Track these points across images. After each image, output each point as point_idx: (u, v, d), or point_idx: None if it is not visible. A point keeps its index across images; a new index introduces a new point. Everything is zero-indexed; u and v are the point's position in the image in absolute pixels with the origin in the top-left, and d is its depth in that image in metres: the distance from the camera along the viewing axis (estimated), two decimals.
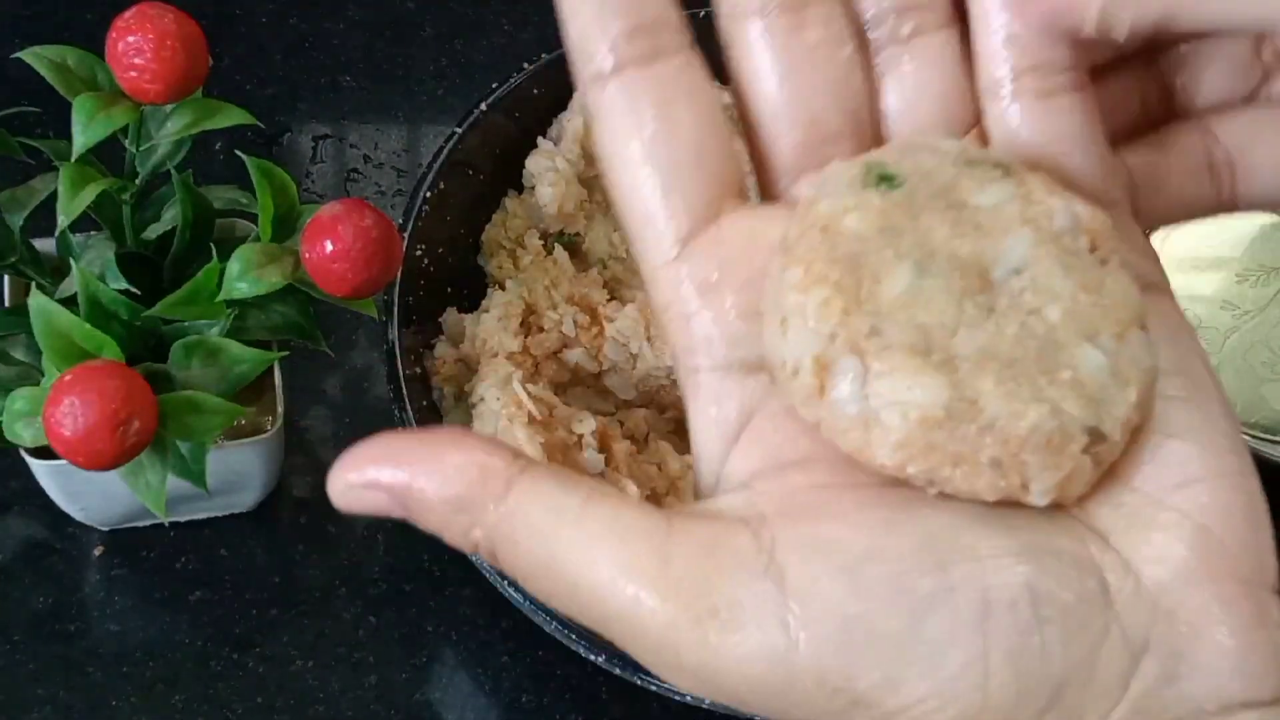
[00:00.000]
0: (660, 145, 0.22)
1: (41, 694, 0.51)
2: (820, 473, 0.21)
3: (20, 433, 0.41)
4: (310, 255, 0.41)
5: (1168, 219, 0.27)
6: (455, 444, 0.22)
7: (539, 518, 0.21)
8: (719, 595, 0.20)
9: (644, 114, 0.23)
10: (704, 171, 0.23)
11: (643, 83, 0.23)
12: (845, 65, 0.24)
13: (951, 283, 0.21)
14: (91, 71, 0.42)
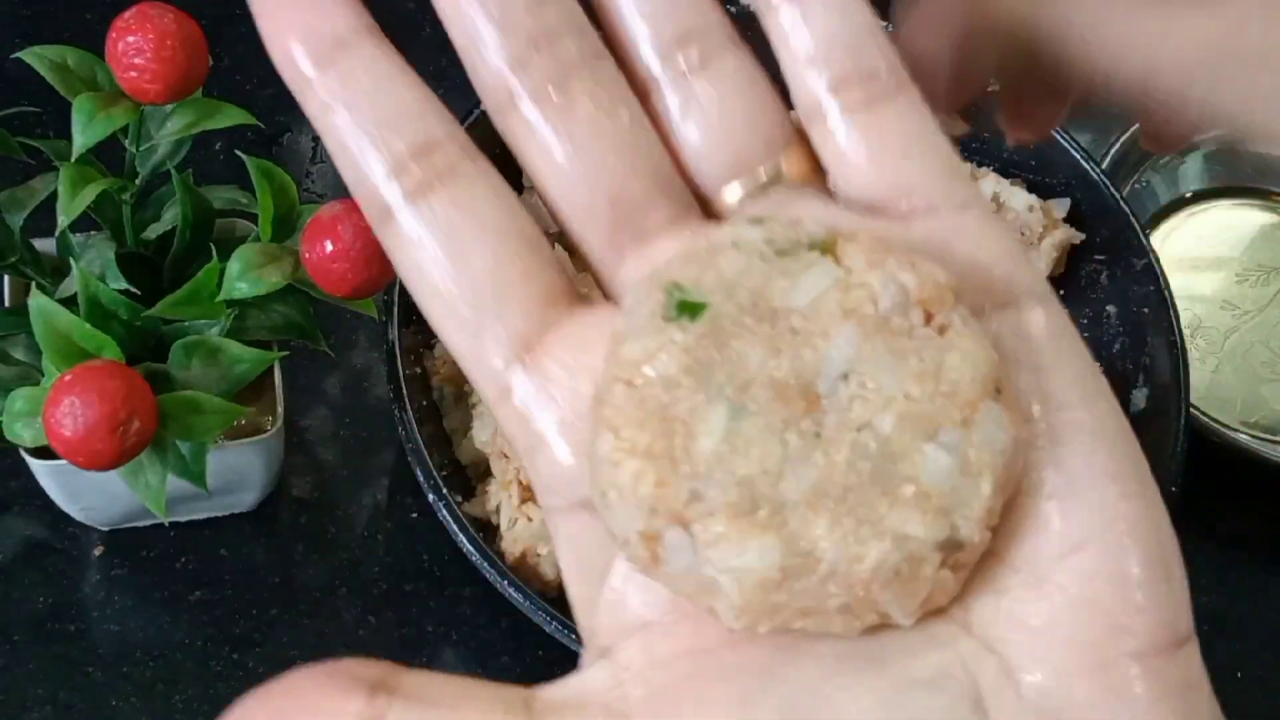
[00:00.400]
0: (458, 280, 0.21)
1: (41, 694, 0.51)
2: (683, 633, 0.20)
3: (20, 433, 0.41)
4: (310, 255, 0.41)
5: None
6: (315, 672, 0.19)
7: None
8: None
9: (433, 250, 0.21)
10: (512, 296, 0.21)
11: (425, 214, 0.21)
12: (629, 128, 0.21)
13: (771, 417, 0.19)
14: (91, 71, 0.42)
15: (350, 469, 0.58)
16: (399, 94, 0.21)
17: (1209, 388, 0.64)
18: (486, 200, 0.21)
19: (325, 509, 0.57)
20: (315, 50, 0.21)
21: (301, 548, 0.56)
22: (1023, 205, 0.58)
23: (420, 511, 0.57)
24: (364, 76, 0.21)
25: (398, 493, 0.57)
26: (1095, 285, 0.59)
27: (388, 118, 0.21)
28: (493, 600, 0.48)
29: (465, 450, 0.52)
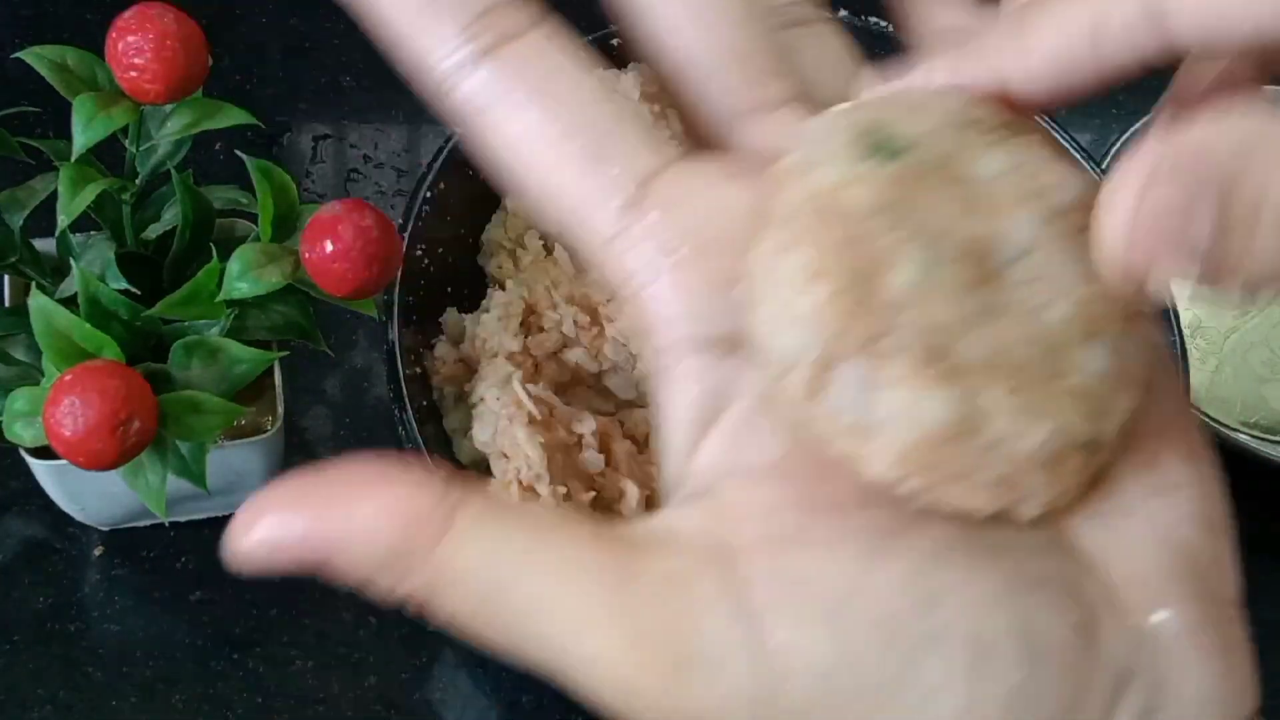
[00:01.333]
0: (563, 118, 0.20)
1: (41, 694, 0.51)
2: (793, 486, 0.19)
3: (20, 433, 0.41)
4: (310, 255, 0.41)
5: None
6: (372, 485, 0.19)
7: (479, 563, 0.19)
8: (688, 644, 0.18)
9: (530, 92, 0.20)
10: (623, 133, 0.20)
11: (513, 62, 0.20)
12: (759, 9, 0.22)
13: (958, 273, 0.19)
14: (91, 71, 0.42)
15: None
16: None
17: (1209, 388, 0.64)
18: (571, 46, 0.21)
19: None
20: None
21: None
22: None
23: None
24: None
25: None
26: None
27: None
28: None
29: (465, 450, 0.52)
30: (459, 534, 0.19)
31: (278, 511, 0.19)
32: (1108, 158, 0.65)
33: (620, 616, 0.18)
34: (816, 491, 0.19)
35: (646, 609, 0.18)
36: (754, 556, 0.19)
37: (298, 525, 0.19)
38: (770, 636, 0.18)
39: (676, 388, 0.20)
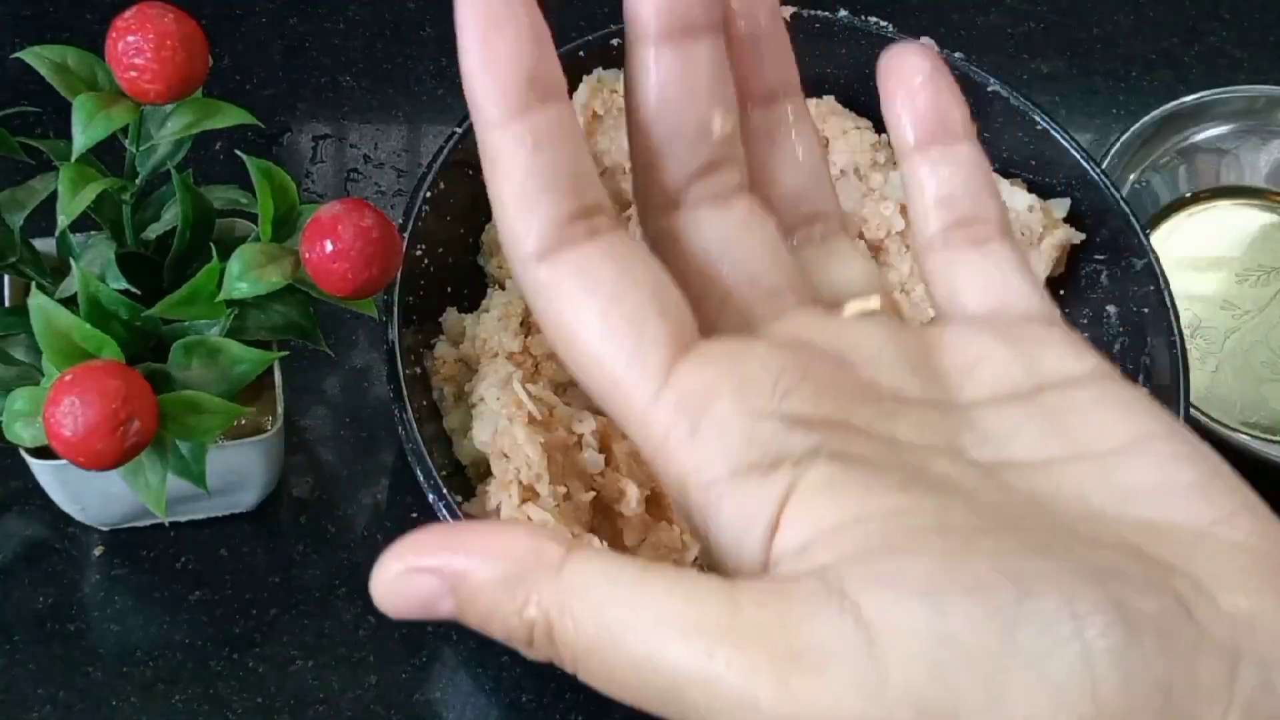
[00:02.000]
0: (621, 299, 0.23)
1: (41, 694, 0.51)
2: (874, 526, 0.21)
3: (20, 433, 0.41)
4: (310, 255, 0.41)
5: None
6: (503, 528, 0.22)
7: (598, 587, 0.21)
8: (797, 639, 0.19)
9: (598, 275, 0.23)
10: (669, 315, 0.23)
11: (590, 251, 0.23)
12: (774, 235, 0.26)
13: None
14: (91, 71, 0.42)
15: (350, 469, 0.58)
16: (575, 153, 0.24)
17: (1209, 388, 0.64)
18: (642, 248, 0.24)
19: (325, 509, 0.57)
20: (514, 95, 0.24)
21: (301, 548, 0.56)
22: (1023, 205, 0.58)
23: (420, 511, 0.57)
24: (551, 132, 0.24)
25: (398, 493, 0.57)
26: (1095, 285, 0.59)
27: (565, 174, 0.23)
28: None
29: (465, 450, 0.52)
30: (578, 563, 0.21)
31: (419, 545, 0.22)
32: (1107, 158, 0.65)
33: (730, 621, 0.20)
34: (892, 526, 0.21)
35: (754, 611, 0.20)
36: (845, 565, 0.20)
37: (438, 553, 0.21)
38: (872, 621, 0.19)
39: (733, 513, 0.22)
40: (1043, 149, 0.59)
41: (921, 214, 0.28)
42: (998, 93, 0.59)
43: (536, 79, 0.23)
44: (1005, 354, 0.25)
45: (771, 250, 0.26)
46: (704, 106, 0.25)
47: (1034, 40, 0.76)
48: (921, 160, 0.27)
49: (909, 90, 0.27)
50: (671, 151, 0.25)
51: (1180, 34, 0.77)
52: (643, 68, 0.25)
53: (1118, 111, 0.74)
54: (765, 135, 0.27)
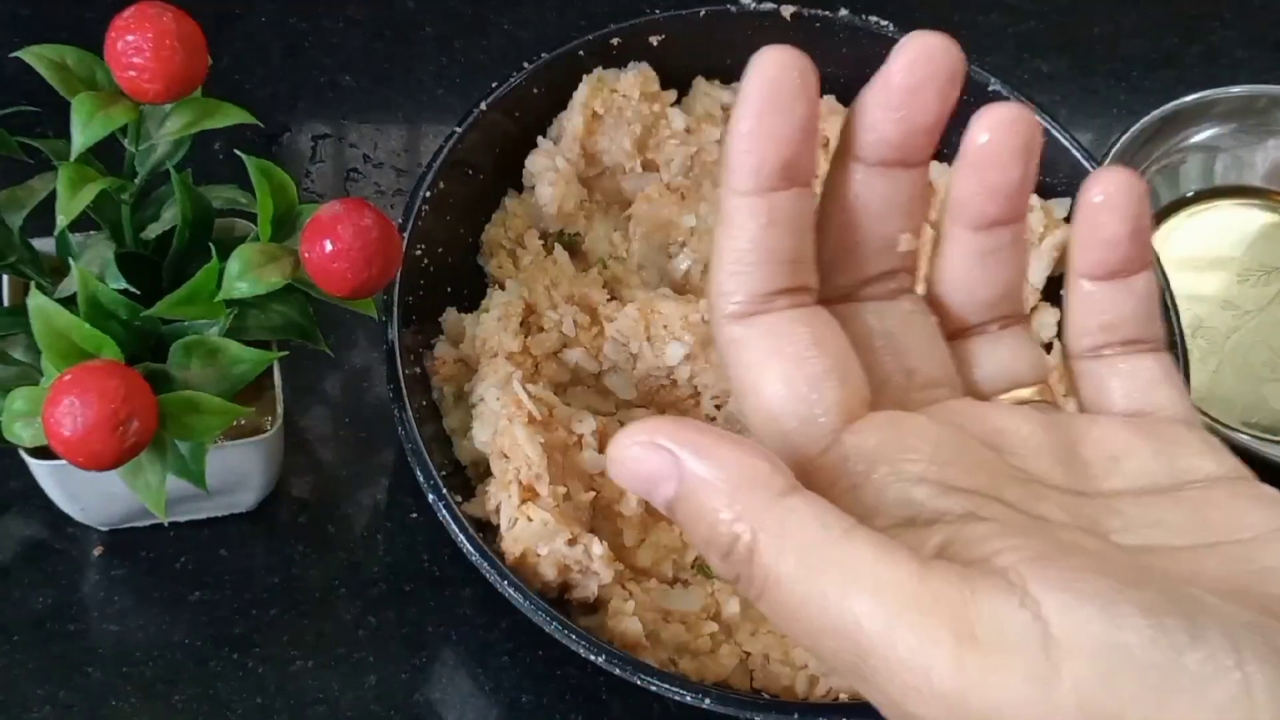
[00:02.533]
0: (805, 363, 0.25)
1: (41, 694, 0.51)
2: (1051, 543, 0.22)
3: (20, 433, 0.41)
4: (310, 255, 0.41)
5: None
6: (744, 443, 0.23)
7: (811, 527, 0.22)
8: (978, 621, 0.20)
9: (789, 338, 0.25)
10: (848, 384, 0.25)
11: (785, 316, 0.25)
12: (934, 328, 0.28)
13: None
14: (91, 71, 0.42)
15: (350, 469, 0.58)
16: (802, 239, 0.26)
17: (1209, 388, 0.64)
18: (831, 320, 0.26)
19: (325, 509, 0.57)
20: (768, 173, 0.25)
21: (301, 548, 0.55)
22: None
23: (420, 511, 0.57)
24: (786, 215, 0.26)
25: (398, 493, 0.57)
26: None
27: (786, 256, 0.26)
28: (493, 600, 0.48)
29: (465, 450, 0.52)
30: (800, 499, 0.22)
31: (665, 429, 0.23)
32: (1108, 158, 0.65)
33: (920, 589, 0.21)
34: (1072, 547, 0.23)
35: (943, 586, 0.21)
36: (1030, 566, 0.21)
37: (682, 439, 0.23)
38: (1051, 621, 0.20)
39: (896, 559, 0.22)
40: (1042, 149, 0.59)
41: (1081, 329, 0.29)
42: (998, 93, 0.59)
43: (791, 165, 0.25)
44: (1148, 451, 0.26)
45: (930, 345, 0.28)
46: (894, 228, 0.27)
47: (1034, 40, 0.76)
48: (1095, 288, 0.28)
49: (1103, 210, 0.28)
50: (855, 258, 0.27)
51: (1180, 34, 0.77)
52: (848, 180, 0.27)
53: (1118, 111, 0.74)
54: (981, 253, 0.28)
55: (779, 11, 0.60)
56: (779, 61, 0.25)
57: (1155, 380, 0.28)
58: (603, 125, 0.58)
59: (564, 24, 0.72)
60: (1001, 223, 0.28)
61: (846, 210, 0.27)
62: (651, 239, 0.58)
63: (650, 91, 0.59)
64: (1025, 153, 0.27)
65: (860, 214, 0.27)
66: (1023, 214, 0.28)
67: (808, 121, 0.25)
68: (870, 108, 0.26)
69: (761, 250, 0.25)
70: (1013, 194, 0.27)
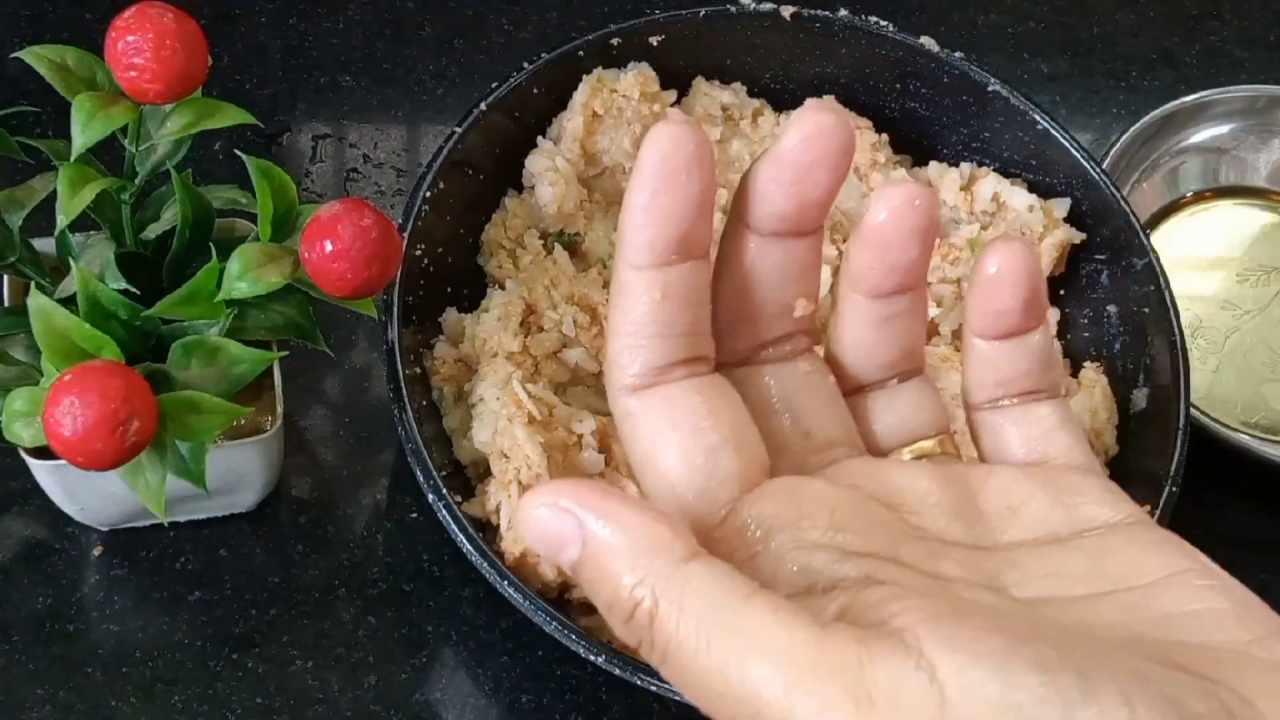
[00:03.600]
0: (702, 434, 0.25)
1: (41, 694, 0.51)
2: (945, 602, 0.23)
3: (19, 433, 0.41)
4: (310, 255, 0.41)
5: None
6: (646, 508, 0.23)
7: (710, 591, 0.22)
8: (875, 685, 0.20)
9: (685, 409, 0.25)
10: (744, 453, 0.25)
11: (681, 386, 0.25)
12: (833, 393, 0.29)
13: None
14: (91, 71, 0.42)
15: (350, 469, 0.58)
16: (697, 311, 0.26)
17: (1209, 388, 0.64)
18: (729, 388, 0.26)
19: (325, 509, 0.57)
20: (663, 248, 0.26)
21: (301, 548, 0.56)
22: (1023, 205, 0.58)
23: (420, 511, 0.57)
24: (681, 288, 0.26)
25: (397, 493, 0.57)
26: (1095, 285, 0.59)
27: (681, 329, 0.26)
28: (493, 600, 0.48)
29: (465, 450, 0.52)
30: (704, 564, 0.22)
31: (571, 491, 0.23)
32: (1107, 158, 0.65)
33: (818, 655, 0.21)
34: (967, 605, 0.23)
35: (840, 651, 0.21)
36: (925, 628, 0.21)
37: (588, 503, 0.23)
38: (947, 683, 0.20)
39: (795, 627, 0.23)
40: (1043, 149, 0.59)
41: (978, 385, 0.29)
42: (998, 92, 0.59)
43: (686, 239, 0.25)
44: (1045, 500, 0.26)
45: (828, 406, 0.28)
46: (790, 294, 0.27)
47: (1034, 40, 0.76)
48: (990, 347, 0.29)
49: (996, 282, 0.28)
50: (751, 323, 0.27)
51: (1180, 34, 0.77)
52: (742, 248, 0.27)
53: (1118, 111, 0.74)
54: (880, 319, 0.28)
55: (779, 12, 0.60)
56: (673, 136, 0.24)
57: (1052, 428, 0.29)
58: (603, 125, 0.58)
59: (564, 24, 0.72)
60: (900, 292, 0.28)
61: (742, 277, 0.27)
62: None
63: (650, 91, 0.59)
64: (924, 233, 0.27)
65: (755, 281, 0.27)
66: (922, 280, 0.28)
67: (703, 196, 0.25)
68: (763, 181, 0.26)
69: (657, 324, 0.25)
70: (911, 269, 0.27)
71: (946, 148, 0.62)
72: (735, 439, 0.25)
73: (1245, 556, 0.60)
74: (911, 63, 0.60)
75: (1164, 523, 0.50)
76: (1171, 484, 0.50)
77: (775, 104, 0.62)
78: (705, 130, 0.25)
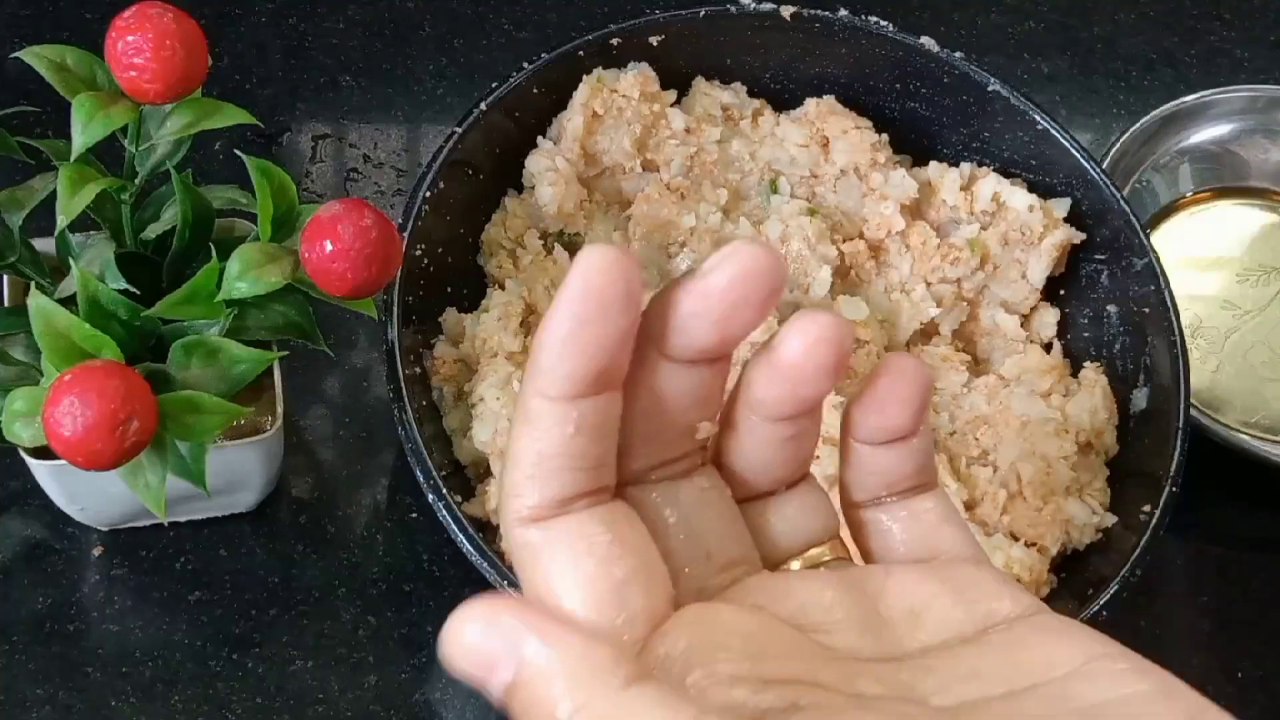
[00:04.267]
0: (612, 567, 0.24)
1: (41, 694, 0.51)
2: None
3: (19, 433, 0.41)
4: (310, 255, 0.41)
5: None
6: (581, 629, 0.22)
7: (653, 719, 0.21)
8: None
9: (591, 541, 0.24)
10: (653, 592, 0.24)
11: (585, 517, 0.24)
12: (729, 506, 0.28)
13: None
14: (91, 71, 0.42)
15: (350, 469, 0.58)
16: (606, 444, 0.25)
17: (1209, 388, 0.64)
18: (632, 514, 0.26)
19: (325, 509, 0.57)
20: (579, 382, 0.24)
21: (301, 548, 0.56)
22: (1023, 205, 0.58)
23: (420, 511, 0.57)
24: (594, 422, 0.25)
25: (397, 493, 0.57)
26: (1095, 285, 0.59)
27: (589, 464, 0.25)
28: None
29: (465, 450, 0.52)
30: (644, 689, 0.21)
31: (494, 608, 0.22)
32: (1107, 158, 0.65)
33: None
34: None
35: None
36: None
37: (512, 619, 0.22)
38: None
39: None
40: (1043, 149, 0.59)
41: (859, 486, 0.29)
42: (998, 92, 0.59)
43: (604, 374, 0.24)
44: (946, 601, 0.26)
45: (727, 523, 0.27)
46: (694, 417, 0.26)
47: (1034, 40, 0.76)
48: (873, 453, 0.28)
49: (889, 398, 0.27)
50: (651, 445, 0.26)
51: (1180, 34, 0.77)
52: (650, 372, 0.26)
53: (1118, 111, 0.74)
54: (778, 440, 0.27)
55: (779, 11, 0.60)
56: (606, 267, 0.23)
57: (937, 521, 0.28)
58: (602, 125, 0.58)
59: (564, 24, 0.72)
60: (800, 415, 0.27)
61: (646, 400, 0.26)
62: (651, 239, 0.58)
63: (650, 91, 0.59)
64: (838, 369, 0.26)
65: (660, 405, 0.26)
66: (821, 401, 0.27)
67: (630, 330, 0.24)
68: (685, 313, 0.24)
69: (565, 457, 0.24)
70: (817, 399, 0.27)
71: (946, 148, 0.62)
72: (643, 572, 0.24)
73: (1245, 556, 0.60)
74: (911, 63, 0.60)
75: (1165, 522, 0.50)
76: (1171, 484, 0.50)
77: (775, 104, 0.62)
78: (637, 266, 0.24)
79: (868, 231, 0.58)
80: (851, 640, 0.25)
